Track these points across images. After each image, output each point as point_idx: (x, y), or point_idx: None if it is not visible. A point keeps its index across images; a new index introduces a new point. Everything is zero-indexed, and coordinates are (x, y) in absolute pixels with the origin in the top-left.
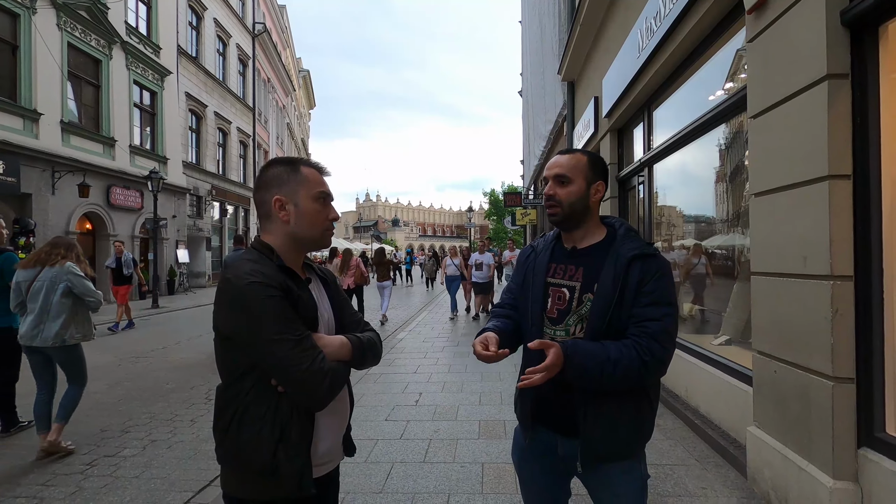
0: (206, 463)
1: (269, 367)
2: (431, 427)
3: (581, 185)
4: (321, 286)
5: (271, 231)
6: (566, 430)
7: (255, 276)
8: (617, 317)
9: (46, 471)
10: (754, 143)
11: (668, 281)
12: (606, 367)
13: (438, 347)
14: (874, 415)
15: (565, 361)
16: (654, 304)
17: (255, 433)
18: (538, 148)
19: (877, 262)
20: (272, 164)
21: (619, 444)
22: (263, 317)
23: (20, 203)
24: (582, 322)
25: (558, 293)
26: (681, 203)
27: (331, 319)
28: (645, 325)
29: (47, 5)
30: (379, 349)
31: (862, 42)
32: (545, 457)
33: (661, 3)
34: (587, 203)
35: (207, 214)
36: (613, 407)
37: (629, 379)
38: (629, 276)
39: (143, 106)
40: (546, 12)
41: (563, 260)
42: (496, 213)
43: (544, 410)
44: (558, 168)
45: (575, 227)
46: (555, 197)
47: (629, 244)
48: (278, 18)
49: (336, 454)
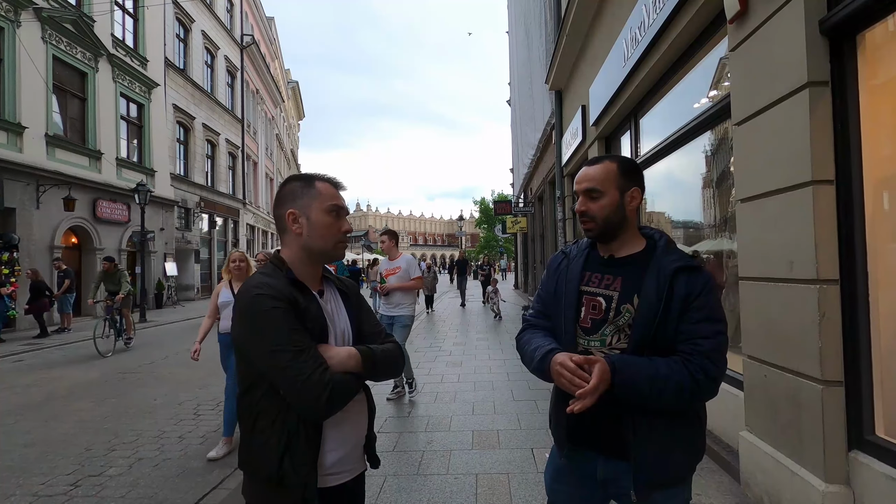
0: (194, 481)
1: (271, 377)
2: (424, 438)
3: (614, 195)
4: (339, 298)
5: (287, 244)
6: (608, 451)
7: (262, 289)
8: (662, 330)
9: (29, 492)
10: (739, 149)
11: (716, 296)
12: (657, 383)
13: (431, 357)
14: (863, 417)
15: (613, 376)
16: (705, 320)
17: (263, 441)
18: (527, 156)
19: (861, 265)
20: (289, 181)
21: (673, 469)
22: (266, 327)
23: (3, 218)
24: (619, 333)
25: (593, 302)
26: (668, 209)
27: (347, 331)
28: (697, 343)
29: (32, 18)
30: (398, 361)
31: (841, 50)
32: (583, 480)
33: (645, 13)
34: (623, 213)
35: (196, 227)
36: (665, 427)
37: (680, 398)
38: (674, 289)
39: (130, 118)
40: (532, 22)
41: (598, 268)
42: (487, 221)
43: (583, 428)
44: (587, 182)
45: (613, 237)
46: (587, 213)
47: (672, 256)
48: (266, 30)
49: (351, 465)
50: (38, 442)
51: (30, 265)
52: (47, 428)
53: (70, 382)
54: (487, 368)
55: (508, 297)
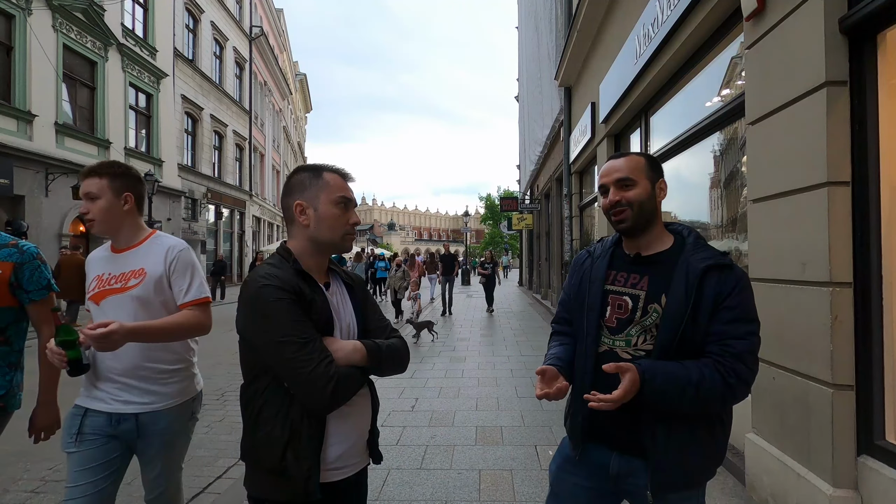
0: (199, 470)
1: (277, 368)
2: (428, 433)
3: (646, 185)
4: (345, 291)
5: (294, 236)
6: (623, 447)
7: (268, 280)
8: (690, 331)
9: (36, 477)
10: (752, 149)
11: (749, 295)
12: (688, 390)
13: (435, 352)
14: (874, 422)
15: (643, 385)
16: (737, 320)
17: (267, 432)
18: (534, 153)
19: (876, 268)
20: (297, 171)
21: (692, 471)
22: (272, 318)
23: (13, 205)
24: (646, 334)
25: (619, 301)
26: (676, 209)
27: (352, 324)
28: (729, 345)
29: (43, 6)
30: (403, 356)
31: (860, 49)
32: (593, 470)
33: (658, 9)
34: (655, 204)
35: (203, 217)
36: (686, 429)
37: (712, 403)
38: (704, 288)
39: (139, 108)
40: (542, 18)
41: (624, 267)
42: (492, 217)
43: (600, 427)
44: (618, 172)
45: (643, 231)
46: (622, 201)
47: (701, 253)
48: (275, 22)
49: (354, 460)
50: None
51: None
52: None
53: None
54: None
55: (512, 297)
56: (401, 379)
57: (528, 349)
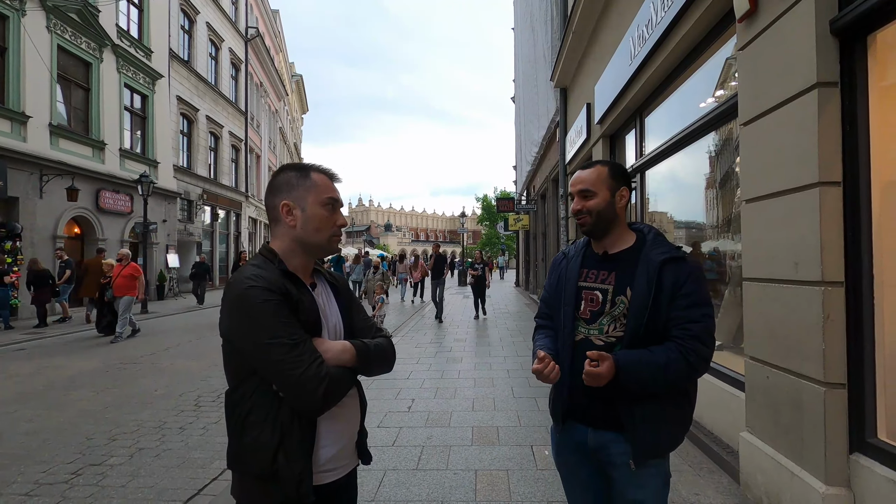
0: (195, 472)
1: (265, 371)
2: (424, 434)
3: (605, 194)
4: (330, 292)
5: (278, 236)
6: (596, 423)
7: (255, 281)
8: (653, 318)
9: (30, 480)
10: (745, 149)
11: (703, 282)
12: (658, 373)
13: (431, 353)
14: (865, 420)
15: (619, 373)
16: (693, 306)
17: (255, 437)
18: (530, 154)
19: (867, 267)
20: (283, 170)
21: (667, 442)
22: (259, 320)
23: (6, 207)
24: (615, 322)
25: (591, 296)
26: (672, 209)
27: (338, 325)
28: (687, 328)
29: (37, 7)
30: (390, 355)
31: (851, 50)
32: (576, 447)
33: (653, 10)
34: (614, 210)
35: (198, 219)
36: (658, 406)
37: (679, 380)
38: (663, 279)
39: (134, 109)
40: (538, 19)
41: (594, 265)
42: (489, 218)
43: (578, 407)
44: (581, 184)
45: (604, 234)
46: (583, 210)
47: (659, 248)
48: (271, 23)
49: (344, 461)
50: (39, 430)
51: (32, 255)
52: (49, 416)
53: (71, 372)
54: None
55: (509, 297)
56: (397, 380)
57: (524, 350)
